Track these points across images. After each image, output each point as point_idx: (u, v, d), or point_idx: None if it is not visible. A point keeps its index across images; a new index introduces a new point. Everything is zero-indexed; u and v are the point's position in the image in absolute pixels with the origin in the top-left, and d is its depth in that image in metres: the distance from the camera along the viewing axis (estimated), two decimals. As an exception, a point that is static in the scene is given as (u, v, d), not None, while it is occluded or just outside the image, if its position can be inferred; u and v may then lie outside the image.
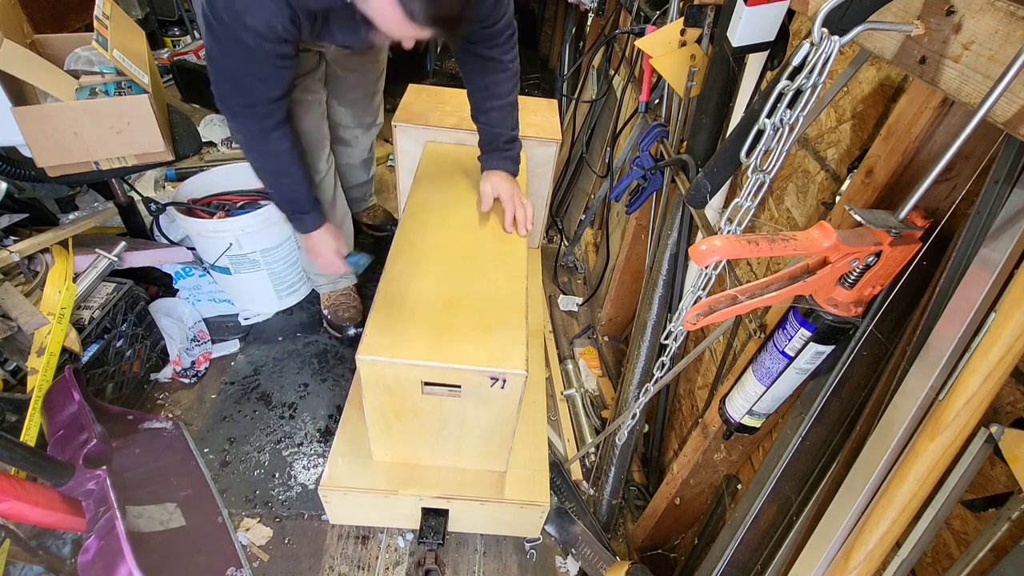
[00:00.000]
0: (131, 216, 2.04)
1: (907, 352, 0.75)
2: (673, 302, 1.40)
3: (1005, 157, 0.62)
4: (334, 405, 1.88)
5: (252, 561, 1.47)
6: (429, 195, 1.58)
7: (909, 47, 0.65)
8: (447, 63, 3.05)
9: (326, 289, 2.09)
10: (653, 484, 1.64)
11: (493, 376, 1.14)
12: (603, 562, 1.42)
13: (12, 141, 1.53)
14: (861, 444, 0.75)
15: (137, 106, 1.57)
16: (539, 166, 1.92)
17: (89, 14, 2.46)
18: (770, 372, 0.91)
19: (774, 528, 0.98)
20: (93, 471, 1.28)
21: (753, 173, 0.80)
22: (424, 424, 1.29)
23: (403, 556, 1.52)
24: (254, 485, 1.64)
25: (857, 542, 0.69)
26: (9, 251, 1.52)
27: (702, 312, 0.70)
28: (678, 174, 1.32)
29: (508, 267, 1.36)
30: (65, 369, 1.43)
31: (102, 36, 1.51)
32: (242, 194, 2.09)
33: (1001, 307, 0.58)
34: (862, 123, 0.91)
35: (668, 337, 1.14)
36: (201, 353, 1.97)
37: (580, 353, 2.15)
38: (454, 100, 2.00)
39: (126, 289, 1.71)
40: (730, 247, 0.65)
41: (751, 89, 1.11)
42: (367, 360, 1.13)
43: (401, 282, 1.28)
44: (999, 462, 0.64)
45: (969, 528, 0.71)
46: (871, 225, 0.68)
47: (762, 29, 0.94)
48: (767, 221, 1.18)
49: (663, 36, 1.24)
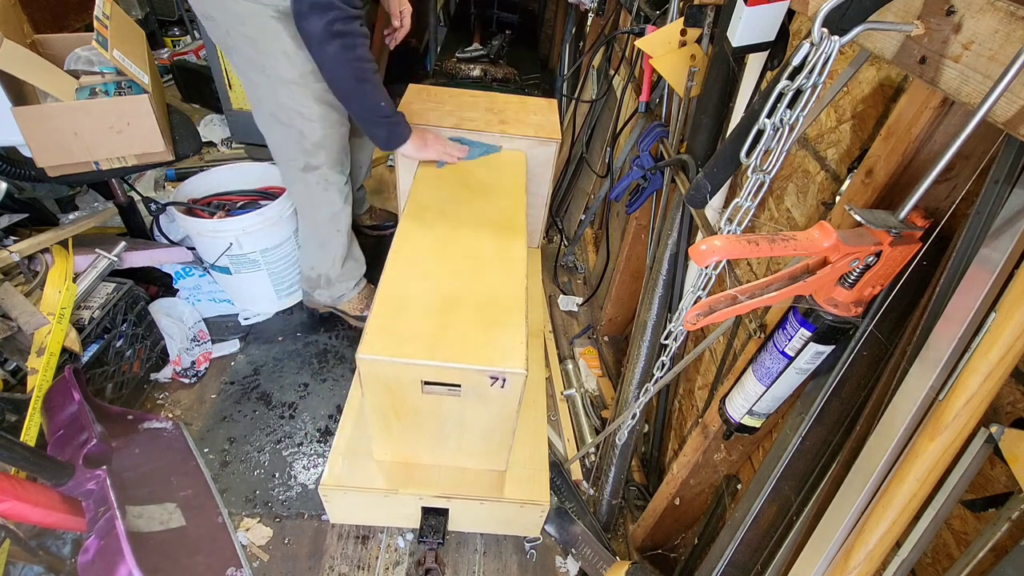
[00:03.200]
0: (131, 216, 2.04)
1: (907, 352, 0.75)
2: (673, 302, 1.40)
3: (1005, 157, 0.62)
4: (334, 405, 1.88)
5: (252, 561, 1.47)
6: (429, 195, 1.58)
7: (909, 47, 0.65)
8: (447, 63, 3.05)
9: (350, 295, 2.04)
10: (653, 484, 1.64)
11: (493, 375, 1.14)
12: (603, 562, 1.42)
13: (12, 141, 1.53)
14: (861, 444, 0.75)
15: (137, 106, 1.57)
16: (539, 166, 1.92)
17: (89, 14, 2.47)
18: (770, 372, 0.91)
19: (774, 528, 0.98)
20: (93, 471, 1.28)
21: (753, 173, 0.80)
22: (424, 423, 1.29)
23: (403, 556, 1.52)
24: (254, 485, 1.64)
25: (857, 542, 0.69)
26: (9, 251, 1.52)
27: (702, 312, 0.70)
28: (678, 174, 1.32)
29: (508, 267, 1.36)
30: (65, 369, 1.43)
31: (102, 36, 1.51)
32: (242, 194, 2.09)
33: (1001, 307, 0.58)
34: (862, 123, 0.91)
35: (668, 337, 1.15)
36: (201, 353, 1.97)
37: (580, 353, 2.16)
38: (454, 100, 2.00)
39: (126, 289, 1.71)
40: (730, 247, 0.65)
41: (751, 89, 1.11)
42: (367, 359, 1.13)
43: (401, 282, 1.28)
44: (999, 462, 0.64)
45: (969, 528, 0.71)
46: (871, 225, 0.68)
47: (762, 29, 0.94)
48: (767, 221, 1.18)
49: (663, 36, 1.24)
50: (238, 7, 1.38)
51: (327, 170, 1.70)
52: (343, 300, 2.03)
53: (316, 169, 1.68)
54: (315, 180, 1.71)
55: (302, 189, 1.74)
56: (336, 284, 1.98)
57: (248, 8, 1.38)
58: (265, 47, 1.44)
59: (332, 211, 1.79)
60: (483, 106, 1.99)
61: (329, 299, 2.03)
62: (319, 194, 1.74)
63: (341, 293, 2.01)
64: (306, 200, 1.77)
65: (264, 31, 1.41)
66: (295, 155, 1.65)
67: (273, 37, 1.42)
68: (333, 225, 1.82)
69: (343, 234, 1.86)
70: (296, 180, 1.72)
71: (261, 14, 1.39)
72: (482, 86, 2.97)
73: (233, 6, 1.38)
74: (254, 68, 1.49)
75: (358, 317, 2.08)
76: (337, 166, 1.73)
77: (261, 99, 1.56)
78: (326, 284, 1.97)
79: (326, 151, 1.66)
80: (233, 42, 1.46)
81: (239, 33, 1.43)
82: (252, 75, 1.52)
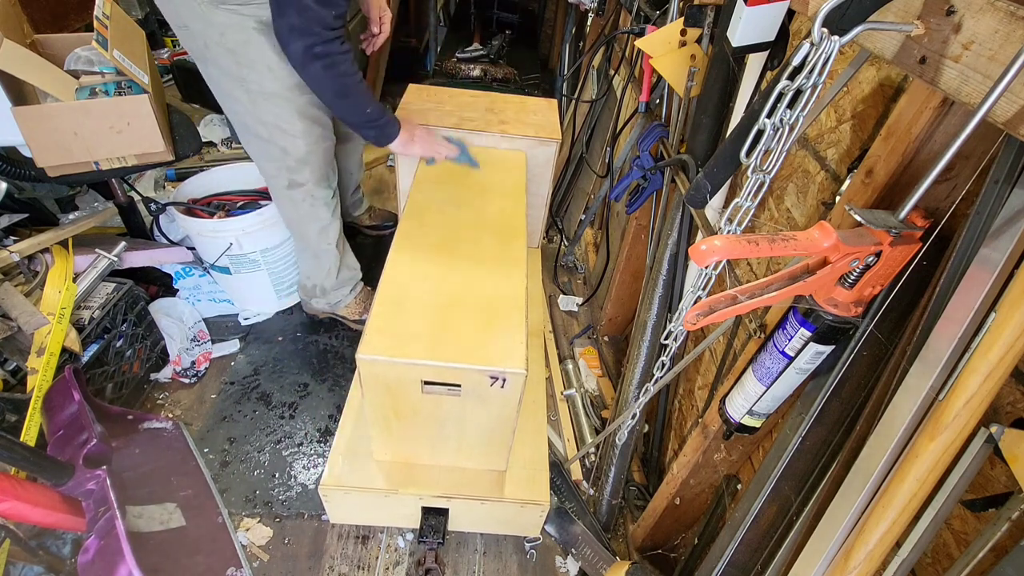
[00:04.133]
0: (131, 216, 2.04)
1: (907, 352, 0.75)
2: (673, 302, 1.40)
3: (1005, 157, 0.62)
4: (334, 405, 1.88)
5: (252, 561, 1.47)
6: (429, 195, 1.58)
7: (909, 47, 0.65)
8: (447, 63, 3.05)
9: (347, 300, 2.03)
10: (653, 484, 1.64)
11: (493, 375, 1.14)
12: (603, 562, 1.42)
13: (12, 141, 1.53)
14: (861, 444, 0.75)
15: (137, 106, 1.57)
16: (539, 166, 1.92)
17: (89, 14, 2.47)
18: (770, 372, 0.91)
19: (774, 528, 0.98)
20: (93, 471, 1.28)
21: (753, 173, 0.80)
22: (424, 423, 1.29)
23: (403, 556, 1.52)
24: (254, 485, 1.64)
25: (857, 542, 0.69)
26: (9, 251, 1.52)
27: (702, 312, 0.70)
28: (678, 174, 1.32)
29: (508, 267, 1.36)
30: (65, 369, 1.43)
31: (102, 36, 1.51)
32: (242, 194, 2.09)
33: (1001, 307, 0.58)
34: (862, 123, 0.91)
35: (668, 337, 1.15)
36: (201, 353, 1.97)
37: (580, 353, 2.15)
38: (454, 100, 2.00)
39: (126, 289, 1.71)
40: (730, 247, 0.65)
41: (751, 89, 1.11)
42: (367, 360, 1.13)
43: (401, 282, 1.28)
44: (999, 462, 0.64)
45: (969, 528, 0.71)
46: (871, 225, 0.68)
47: (762, 29, 0.94)
48: (767, 221, 1.18)
49: (663, 36, 1.24)
50: (217, 17, 1.32)
51: (312, 186, 1.67)
52: (340, 306, 2.04)
53: (301, 186, 1.66)
54: (301, 197, 1.68)
55: (289, 206, 1.72)
56: (332, 293, 1.98)
57: (228, 19, 1.32)
58: (246, 59, 1.38)
59: (320, 226, 1.77)
60: (483, 106, 1.99)
61: (327, 306, 2.03)
62: (306, 210, 1.72)
63: (338, 300, 2.01)
64: (293, 216, 1.75)
65: (246, 44, 1.36)
66: (278, 172, 1.63)
67: (255, 49, 1.37)
68: (323, 239, 1.81)
69: (334, 246, 1.85)
70: (282, 197, 1.70)
71: (242, 25, 1.33)
72: (482, 86, 2.97)
73: (211, 16, 1.32)
74: (233, 81, 1.43)
75: (357, 321, 2.08)
76: (323, 182, 1.70)
77: (240, 114, 1.52)
78: (322, 293, 1.98)
79: (310, 168, 1.63)
80: (211, 54, 1.39)
81: (217, 45, 1.36)
82: (231, 89, 1.45)
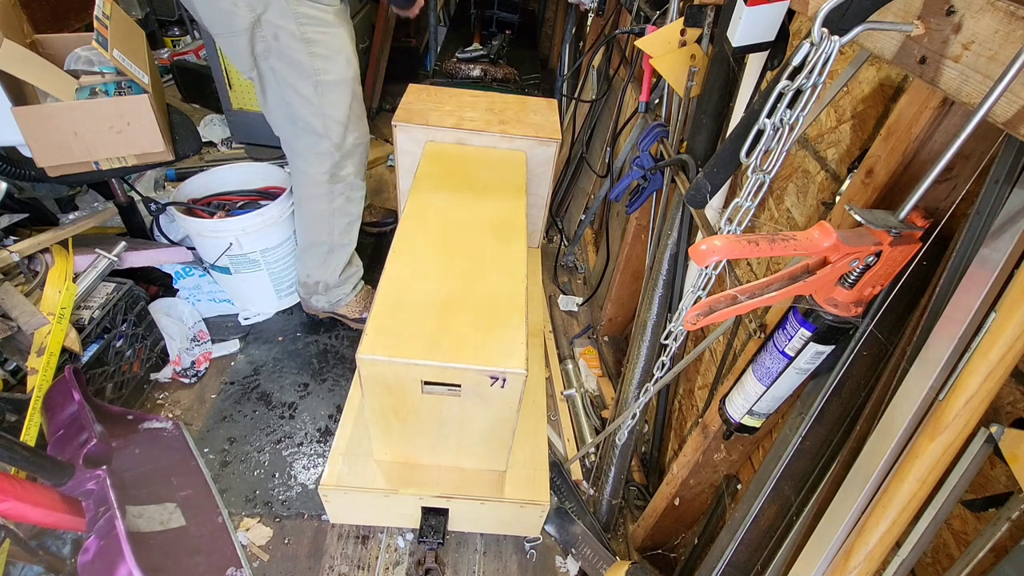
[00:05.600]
0: (131, 216, 2.04)
1: (907, 352, 0.75)
2: (673, 302, 1.40)
3: (1005, 157, 0.62)
4: (334, 405, 1.88)
5: (252, 561, 1.47)
6: (429, 195, 1.58)
7: (909, 47, 0.65)
8: (447, 63, 3.05)
9: (348, 299, 2.03)
10: (653, 484, 1.64)
11: (493, 375, 1.14)
12: (603, 562, 1.42)
13: (12, 141, 1.53)
14: (861, 444, 0.75)
15: (137, 106, 1.57)
16: (539, 166, 1.92)
17: (89, 14, 2.47)
18: (770, 372, 0.91)
19: (774, 528, 0.98)
20: (93, 471, 1.28)
21: (753, 173, 0.80)
22: (424, 423, 1.29)
23: (403, 556, 1.52)
24: (254, 485, 1.64)
25: (857, 542, 0.69)
26: (9, 251, 1.52)
27: (702, 312, 0.70)
28: (678, 174, 1.32)
29: (508, 267, 1.36)
30: (65, 369, 1.43)
31: (102, 36, 1.51)
32: (242, 194, 2.09)
33: (1001, 307, 0.58)
34: (862, 123, 0.91)
35: (668, 337, 1.15)
36: (201, 353, 1.97)
37: (580, 353, 2.15)
38: (454, 100, 2.00)
39: (126, 289, 1.71)
40: (730, 247, 0.65)
41: (751, 89, 1.11)
42: (367, 359, 1.13)
43: (401, 282, 1.28)
44: (999, 462, 0.64)
45: (969, 528, 0.71)
46: (871, 225, 0.68)
47: (762, 29, 0.94)
48: (767, 221, 1.18)
49: (663, 36, 1.24)
50: (300, 7, 1.37)
51: (354, 179, 1.72)
52: (341, 304, 2.03)
53: (343, 180, 1.70)
54: (340, 190, 1.72)
55: (325, 200, 1.74)
56: (334, 290, 1.98)
57: (311, 10, 1.37)
58: (325, 49, 1.43)
59: (349, 220, 1.81)
60: (483, 106, 1.99)
61: (327, 304, 2.03)
62: (340, 204, 1.75)
63: (339, 298, 2.01)
64: (326, 210, 1.77)
65: (325, 33, 1.41)
66: (323, 166, 1.65)
67: (335, 39, 1.42)
68: (347, 234, 1.84)
69: (352, 243, 1.88)
70: (319, 192, 1.72)
71: (324, 14, 1.39)
72: (482, 86, 2.97)
73: (294, 7, 1.36)
74: (301, 74, 1.46)
75: (357, 320, 2.08)
76: (361, 174, 1.76)
77: (298, 107, 1.53)
78: (324, 290, 1.98)
79: (353, 161, 1.68)
80: (281, 45, 1.42)
81: (292, 36, 1.40)
82: (296, 81, 1.48)
